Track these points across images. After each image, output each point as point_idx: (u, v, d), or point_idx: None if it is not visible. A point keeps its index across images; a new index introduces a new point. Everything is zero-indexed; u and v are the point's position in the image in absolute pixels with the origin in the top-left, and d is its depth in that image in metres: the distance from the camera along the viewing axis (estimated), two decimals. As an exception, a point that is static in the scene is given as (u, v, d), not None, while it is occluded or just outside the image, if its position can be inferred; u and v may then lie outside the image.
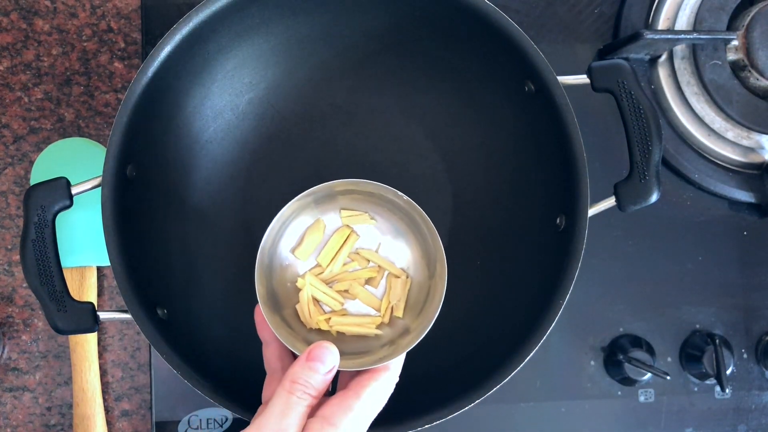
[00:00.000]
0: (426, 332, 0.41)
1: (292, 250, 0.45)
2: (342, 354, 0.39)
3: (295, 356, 0.41)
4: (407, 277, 0.45)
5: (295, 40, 0.51)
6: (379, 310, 0.45)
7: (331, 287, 0.45)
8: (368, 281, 0.45)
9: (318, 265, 0.45)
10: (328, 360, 0.38)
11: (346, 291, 0.45)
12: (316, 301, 0.45)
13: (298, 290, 0.45)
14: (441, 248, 0.42)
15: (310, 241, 0.45)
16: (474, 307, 0.52)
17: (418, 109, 0.54)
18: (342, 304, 0.45)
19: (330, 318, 0.44)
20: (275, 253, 0.45)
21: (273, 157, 0.54)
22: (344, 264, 0.45)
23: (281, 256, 0.45)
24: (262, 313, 0.41)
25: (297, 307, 0.45)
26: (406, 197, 0.42)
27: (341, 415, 0.36)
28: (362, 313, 0.45)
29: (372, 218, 0.46)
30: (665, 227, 0.60)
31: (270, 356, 0.42)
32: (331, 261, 0.45)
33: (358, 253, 0.45)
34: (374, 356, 0.42)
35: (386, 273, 0.45)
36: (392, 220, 0.46)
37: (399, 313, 0.45)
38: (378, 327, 0.44)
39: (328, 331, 0.44)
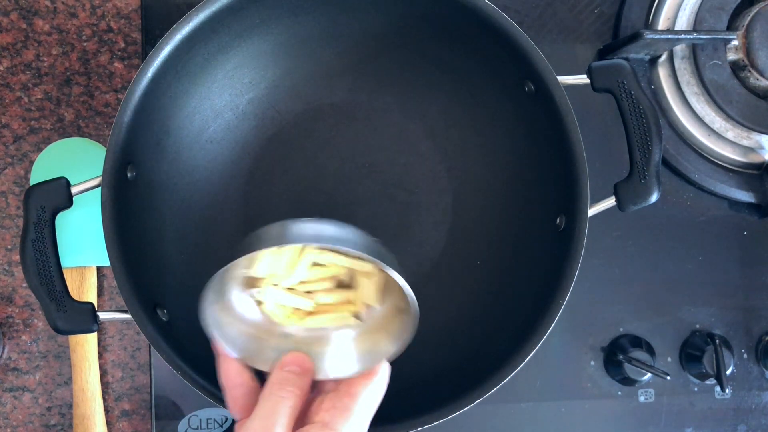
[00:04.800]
0: (416, 323, 0.37)
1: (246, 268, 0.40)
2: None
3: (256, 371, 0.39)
4: (379, 270, 0.40)
5: (295, 40, 0.51)
6: (353, 303, 0.41)
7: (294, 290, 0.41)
8: (336, 278, 0.41)
9: (277, 275, 0.40)
10: (302, 363, 0.38)
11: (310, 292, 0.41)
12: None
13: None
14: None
15: (264, 255, 0.40)
16: (474, 307, 0.52)
17: (418, 109, 0.54)
18: (312, 300, 0.41)
19: (304, 319, 0.41)
20: (227, 281, 0.39)
21: (273, 156, 0.54)
22: (309, 267, 0.40)
23: (237, 276, 0.40)
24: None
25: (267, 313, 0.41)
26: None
27: (340, 419, 0.36)
28: (338, 300, 0.41)
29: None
30: (665, 227, 0.60)
31: (229, 370, 0.39)
32: (291, 270, 0.40)
33: (317, 263, 0.40)
34: (370, 334, 0.40)
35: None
36: None
37: (376, 305, 0.41)
38: (366, 309, 0.41)
39: None
